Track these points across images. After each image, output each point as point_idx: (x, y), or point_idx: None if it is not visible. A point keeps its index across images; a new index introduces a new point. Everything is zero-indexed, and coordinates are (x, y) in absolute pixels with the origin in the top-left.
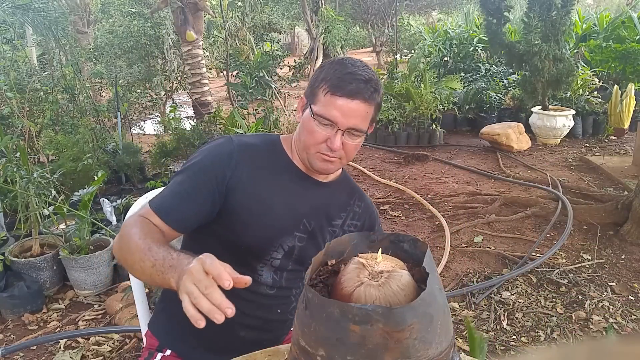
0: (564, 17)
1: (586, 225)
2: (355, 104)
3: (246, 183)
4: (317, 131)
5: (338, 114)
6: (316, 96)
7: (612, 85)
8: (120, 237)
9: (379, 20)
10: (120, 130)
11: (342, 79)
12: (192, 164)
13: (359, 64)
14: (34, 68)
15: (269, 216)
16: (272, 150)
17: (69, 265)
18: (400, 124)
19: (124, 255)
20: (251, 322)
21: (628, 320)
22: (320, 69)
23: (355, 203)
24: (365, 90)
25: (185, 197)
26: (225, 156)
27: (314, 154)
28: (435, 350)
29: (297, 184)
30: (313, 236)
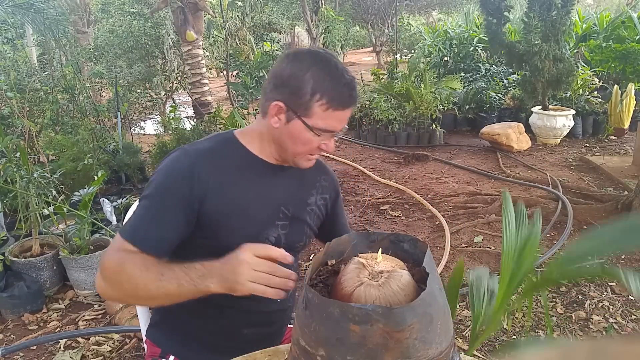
0: (564, 17)
1: (586, 225)
2: (350, 110)
3: (215, 190)
4: (314, 140)
5: (338, 124)
6: (310, 109)
7: (612, 85)
8: (111, 277)
9: (379, 20)
10: (120, 130)
11: (341, 92)
12: (155, 187)
13: (341, 66)
14: (34, 68)
15: (247, 214)
16: (231, 148)
17: (69, 265)
18: (400, 124)
19: (125, 292)
20: (254, 318)
21: (628, 320)
22: (302, 72)
23: (322, 178)
24: (357, 97)
25: (157, 222)
26: (186, 171)
27: (302, 157)
28: (435, 350)
29: (265, 176)
30: (294, 220)
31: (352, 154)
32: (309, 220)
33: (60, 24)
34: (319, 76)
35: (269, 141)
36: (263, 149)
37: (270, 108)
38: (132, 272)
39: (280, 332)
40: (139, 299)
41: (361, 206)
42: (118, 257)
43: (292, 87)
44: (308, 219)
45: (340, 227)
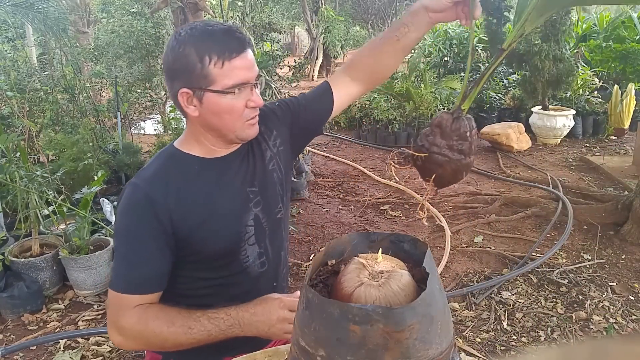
0: (564, 17)
1: (586, 225)
2: (248, 54)
3: (177, 208)
4: (235, 102)
5: (245, 72)
6: (208, 77)
7: (612, 85)
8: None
9: (379, 20)
10: (120, 130)
11: (222, 41)
12: (124, 230)
13: (212, 21)
14: (34, 68)
15: (219, 216)
16: (175, 161)
17: (68, 265)
18: (400, 124)
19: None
20: None
21: (628, 320)
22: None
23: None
24: (245, 38)
25: (144, 261)
26: (144, 202)
27: (243, 126)
28: (435, 350)
29: (219, 171)
30: (264, 190)
31: (352, 154)
32: (276, 175)
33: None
34: (195, 42)
35: (205, 135)
36: (204, 147)
37: (180, 101)
38: (158, 330)
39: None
40: (167, 349)
41: (361, 206)
42: (137, 317)
43: (182, 68)
44: (275, 176)
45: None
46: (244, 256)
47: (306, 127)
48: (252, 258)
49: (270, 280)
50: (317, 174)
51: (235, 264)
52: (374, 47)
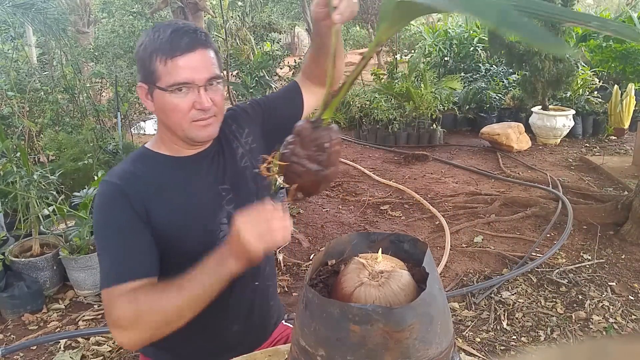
0: None
1: (586, 225)
2: (198, 54)
3: (154, 206)
4: (180, 102)
5: (189, 73)
6: (155, 73)
7: (612, 85)
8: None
9: (379, 20)
10: (121, 130)
11: (170, 40)
12: (103, 226)
13: (174, 22)
14: (34, 68)
15: (191, 214)
16: (145, 161)
17: (69, 265)
18: (400, 124)
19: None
20: (237, 311)
21: (628, 320)
22: (140, 48)
23: (229, 127)
24: (199, 38)
25: (128, 251)
26: (118, 195)
27: (189, 126)
28: (435, 350)
29: (189, 169)
30: (237, 187)
31: (352, 154)
32: (250, 177)
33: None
34: (150, 39)
35: (166, 132)
36: (170, 146)
37: (139, 93)
38: (151, 303)
39: (266, 316)
40: (171, 322)
41: (361, 206)
42: (127, 301)
43: (139, 62)
44: (248, 177)
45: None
46: None
47: (278, 125)
48: None
49: (253, 280)
50: None
51: None
52: (310, 57)
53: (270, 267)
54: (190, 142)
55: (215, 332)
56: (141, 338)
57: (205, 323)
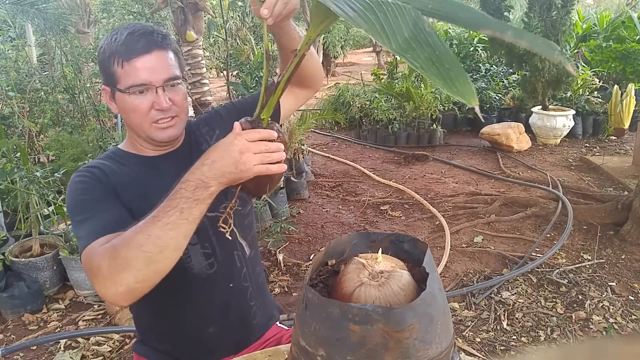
0: (564, 17)
1: (586, 225)
2: (155, 56)
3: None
4: (139, 103)
5: (146, 74)
6: (114, 75)
7: (612, 85)
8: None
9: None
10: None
11: (126, 43)
12: (75, 202)
13: (132, 25)
14: (34, 68)
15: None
16: (116, 158)
17: (69, 265)
18: (401, 124)
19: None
20: (211, 312)
21: (628, 320)
22: (100, 50)
23: (200, 129)
24: (155, 40)
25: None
26: (91, 176)
27: (150, 127)
28: (435, 350)
29: (155, 168)
30: None
31: (352, 154)
32: None
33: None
34: (108, 42)
35: (131, 132)
36: (137, 146)
37: (103, 96)
38: (126, 240)
39: (246, 317)
40: (152, 258)
41: (361, 206)
42: (102, 249)
43: (100, 67)
44: None
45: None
46: (186, 257)
47: None
48: (195, 259)
49: (226, 282)
50: (317, 174)
51: (178, 266)
52: (280, 56)
53: (252, 269)
54: (153, 143)
55: (190, 333)
56: (126, 284)
57: (181, 323)
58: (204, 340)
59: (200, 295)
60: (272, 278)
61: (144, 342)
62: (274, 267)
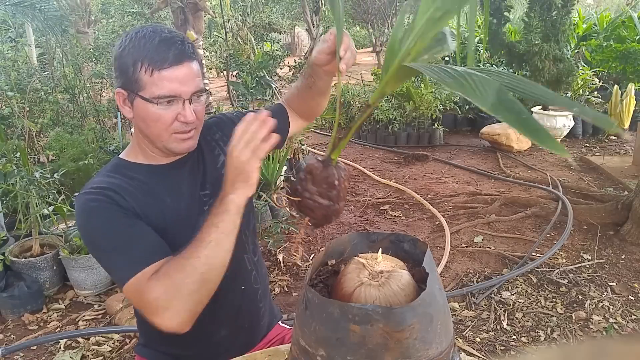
0: (564, 17)
1: (586, 225)
2: (185, 67)
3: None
4: (163, 113)
5: (176, 86)
6: (138, 82)
7: (612, 85)
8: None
9: (379, 20)
10: (121, 130)
11: (158, 50)
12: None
13: (159, 28)
14: (34, 68)
15: (172, 221)
16: (122, 170)
17: (69, 265)
18: (401, 124)
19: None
20: (224, 316)
21: (628, 320)
22: (121, 51)
23: (212, 135)
24: (186, 51)
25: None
26: (105, 199)
27: (170, 138)
28: (435, 350)
29: (167, 177)
30: (217, 192)
31: (352, 154)
32: None
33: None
34: (134, 45)
35: (143, 140)
36: (147, 154)
37: (116, 99)
38: (178, 267)
39: (255, 319)
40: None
41: (361, 206)
42: (154, 279)
43: (120, 68)
44: None
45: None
46: None
47: None
48: None
49: (238, 284)
50: None
51: None
52: (296, 92)
53: (259, 271)
54: (167, 153)
55: (202, 336)
56: (188, 309)
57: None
58: (214, 343)
59: (213, 299)
60: (272, 278)
61: (146, 345)
62: (274, 267)
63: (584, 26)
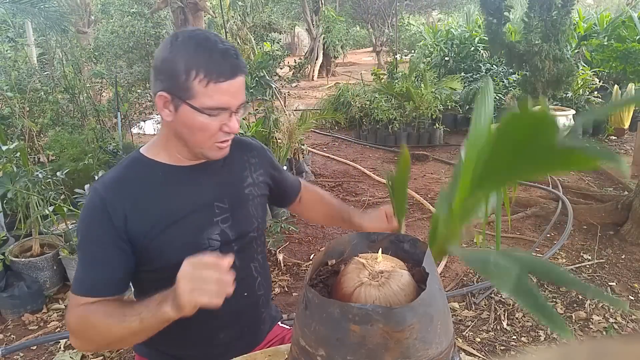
0: (564, 17)
1: (586, 225)
2: (238, 81)
3: (132, 215)
4: (209, 123)
5: (228, 98)
6: (189, 90)
7: (612, 85)
8: (79, 333)
9: (379, 20)
10: (121, 130)
11: (215, 62)
12: (81, 235)
13: (213, 37)
14: (34, 68)
15: (177, 225)
16: (138, 168)
17: (69, 265)
18: (401, 123)
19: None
20: (224, 319)
21: (628, 320)
22: (171, 55)
23: (249, 156)
24: (240, 64)
25: (97, 265)
26: (99, 207)
27: (211, 146)
28: (435, 350)
29: (185, 180)
30: (236, 210)
31: (352, 154)
32: (252, 204)
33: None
34: (189, 52)
35: (173, 141)
36: (171, 154)
37: (157, 101)
38: (96, 323)
39: (256, 324)
40: (111, 344)
41: (361, 206)
42: (79, 313)
43: (168, 72)
44: (250, 203)
45: (290, 187)
46: None
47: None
48: None
49: (241, 290)
50: (317, 174)
51: None
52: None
53: (264, 278)
54: (202, 158)
55: (200, 337)
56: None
57: (192, 328)
58: (213, 345)
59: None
60: (272, 278)
61: (146, 344)
62: (274, 267)
63: (584, 26)
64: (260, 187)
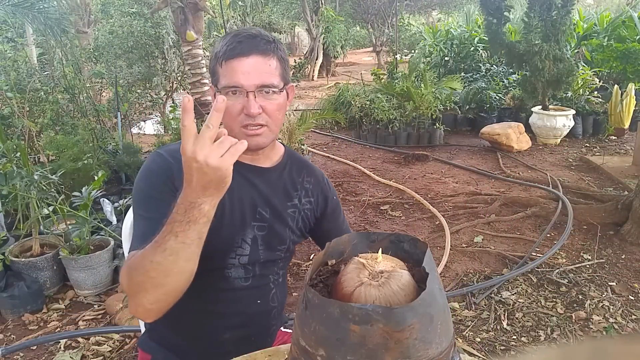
0: (564, 17)
1: (586, 225)
2: (252, 59)
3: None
4: (230, 104)
5: (239, 76)
6: (216, 74)
7: (612, 85)
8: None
9: (379, 20)
10: (121, 130)
11: (229, 44)
12: (140, 192)
13: (246, 28)
14: (34, 68)
15: (221, 217)
16: None
17: (69, 265)
18: (401, 123)
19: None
20: (232, 321)
21: (628, 320)
22: (212, 52)
23: (304, 179)
24: (257, 44)
25: (154, 221)
26: (164, 167)
27: (239, 132)
28: (435, 350)
29: (240, 177)
30: (274, 222)
31: (352, 154)
32: (291, 223)
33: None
34: (220, 44)
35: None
36: None
37: (211, 96)
38: (136, 266)
39: (267, 333)
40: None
41: (361, 206)
42: (124, 268)
43: (210, 65)
44: (290, 221)
45: (338, 231)
46: (229, 269)
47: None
48: (234, 269)
49: (254, 297)
50: None
51: (218, 272)
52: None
53: (280, 292)
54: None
55: (206, 334)
56: (142, 305)
57: (200, 323)
58: (218, 343)
59: (226, 302)
60: None
61: (151, 337)
62: None
63: (584, 26)
64: (305, 212)
